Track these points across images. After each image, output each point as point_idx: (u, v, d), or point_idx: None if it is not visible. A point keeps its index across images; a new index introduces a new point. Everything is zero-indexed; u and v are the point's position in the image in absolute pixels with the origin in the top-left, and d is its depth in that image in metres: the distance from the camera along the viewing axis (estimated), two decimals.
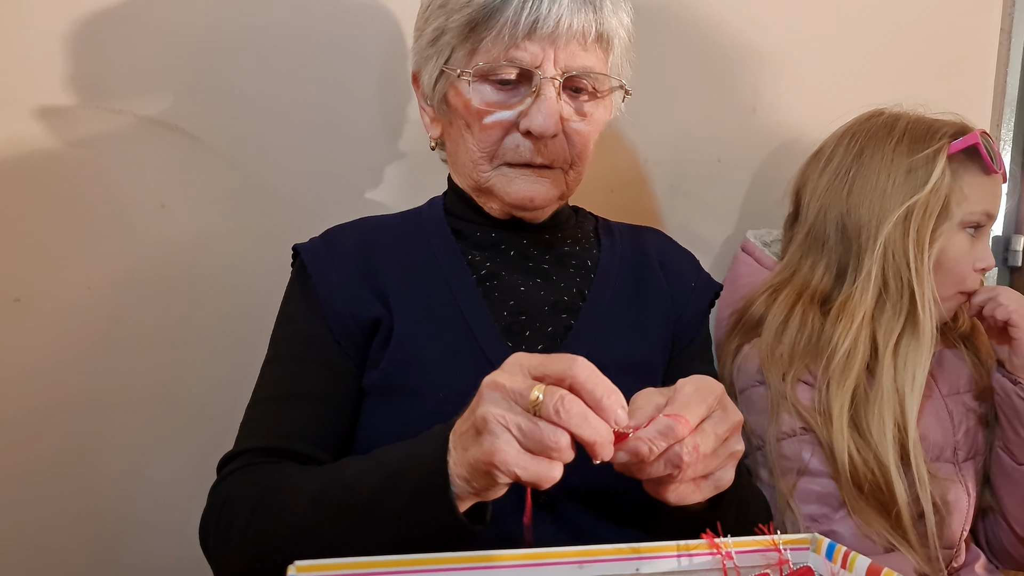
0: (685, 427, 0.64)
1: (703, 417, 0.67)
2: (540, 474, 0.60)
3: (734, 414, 0.70)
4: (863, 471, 1.02)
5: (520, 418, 0.61)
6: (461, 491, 0.65)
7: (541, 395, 0.60)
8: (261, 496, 0.78)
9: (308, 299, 0.92)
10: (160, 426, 1.14)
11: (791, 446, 1.06)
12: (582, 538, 0.83)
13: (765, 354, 1.09)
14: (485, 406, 0.62)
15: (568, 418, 0.60)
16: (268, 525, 0.76)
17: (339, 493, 0.74)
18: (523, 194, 0.91)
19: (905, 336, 1.05)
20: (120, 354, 1.12)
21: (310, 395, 0.88)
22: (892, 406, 1.03)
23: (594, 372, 0.62)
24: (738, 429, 0.70)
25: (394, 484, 0.70)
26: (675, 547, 0.64)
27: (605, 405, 0.61)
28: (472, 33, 0.88)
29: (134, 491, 1.13)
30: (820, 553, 0.66)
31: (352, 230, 0.97)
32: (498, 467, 0.60)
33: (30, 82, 1.05)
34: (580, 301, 0.94)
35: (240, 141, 1.14)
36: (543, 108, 0.87)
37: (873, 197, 1.08)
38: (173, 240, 1.12)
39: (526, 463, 0.60)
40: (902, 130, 1.10)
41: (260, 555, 0.76)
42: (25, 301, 1.07)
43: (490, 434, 0.61)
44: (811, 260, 1.13)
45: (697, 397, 0.68)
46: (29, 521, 1.10)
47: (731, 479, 0.71)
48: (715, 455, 0.68)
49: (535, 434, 0.60)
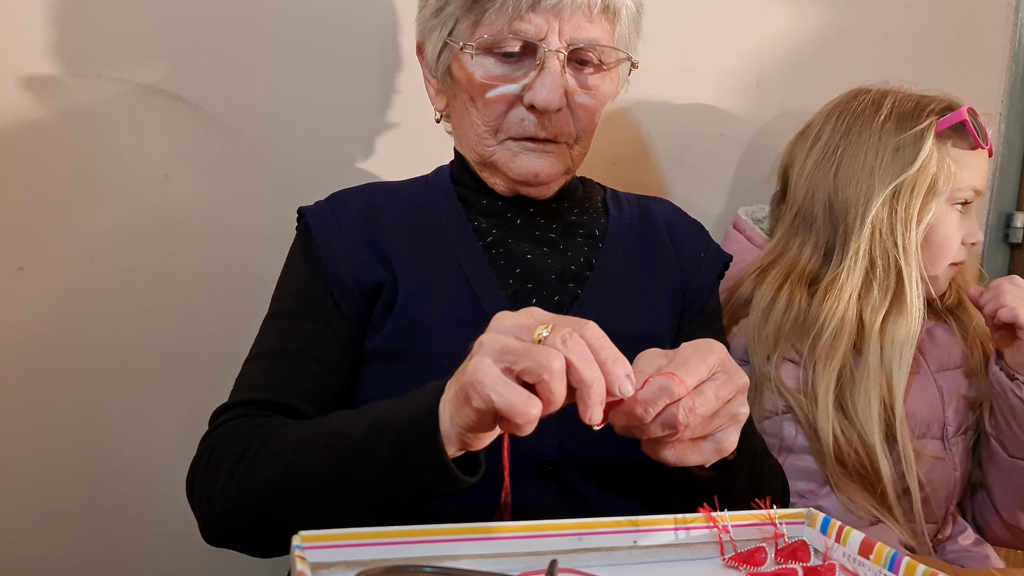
0: (681, 386, 0.63)
1: (703, 378, 0.66)
2: (515, 403, 0.56)
3: (738, 376, 0.68)
4: (847, 450, 1.02)
5: (514, 343, 0.59)
6: (448, 433, 0.63)
7: (547, 332, 0.59)
8: (250, 443, 0.77)
9: (311, 260, 0.92)
10: (163, 392, 1.15)
11: (773, 424, 1.07)
12: (586, 509, 0.83)
13: (751, 335, 1.09)
14: (484, 335, 0.61)
15: (573, 348, 0.58)
16: (254, 469, 0.75)
17: (327, 437, 0.73)
18: (527, 169, 0.91)
19: (892, 314, 1.06)
20: (123, 322, 1.12)
21: (306, 351, 0.87)
22: (879, 385, 1.04)
23: (603, 336, 0.61)
24: (743, 392, 0.69)
25: (383, 427, 0.68)
26: (672, 520, 0.65)
27: (609, 368, 0.59)
28: (476, 4, 0.86)
29: (137, 456, 1.15)
30: (815, 527, 0.67)
31: (358, 194, 0.97)
32: (475, 387, 0.58)
33: (32, 51, 1.05)
34: (587, 270, 0.94)
35: (242, 110, 1.13)
36: (547, 82, 0.86)
37: (861, 176, 1.07)
38: (175, 209, 1.13)
39: (503, 388, 0.57)
40: (889, 108, 1.09)
41: (243, 499, 0.75)
42: (29, 270, 1.08)
43: (478, 355, 0.60)
44: (799, 240, 1.13)
45: (696, 358, 0.66)
46: (34, 486, 1.11)
47: (733, 443, 0.69)
48: (716, 416, 0.67)
49: (527, 352, 0.58)
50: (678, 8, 1.30)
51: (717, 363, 0.67)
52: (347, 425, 0.72)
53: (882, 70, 1.39)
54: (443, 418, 0.63)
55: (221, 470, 0.78)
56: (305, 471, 0.72)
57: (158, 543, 1.16)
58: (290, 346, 0.88)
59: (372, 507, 0.69)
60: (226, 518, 0.78)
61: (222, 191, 1.14)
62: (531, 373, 0.57)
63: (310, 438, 0.74)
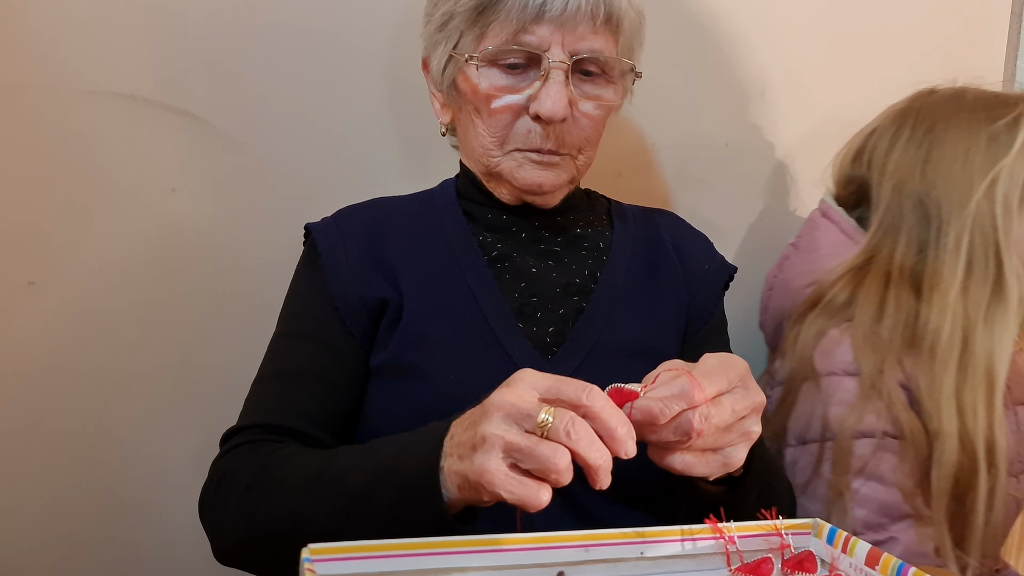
0: (700, 393, 0.64)
1: (723, 390, 0.67)
2: (527, 497, 0.59)
3: (756, 394, 0.69)
4: (964, 464, 0.98)
5: (519, 439, 0.60)
6: (451, 494, 0.65)
7: (550, 418, 0.60)
8: (258, 475, 0.79)
9: (316, 278, 0.92)
10: (171, 406, 1.15)
11: (866, 446, 1.01)
12: (592, 522, 0.84)
13: (860, 342, 1.04)
14: (487, 425, 0.61)
15: (578, 439, 0.59)
16: (262, 506, 0.77)
17: (332, 481, 0.74)
18: (532, 180, 0.92)
19: (992, 304, 1.03)
20: (132, 335, 1.13)
21: (313, 374, 0.88)
22: (985, 383, 1.01)
23: (609, 403, 0.62)
24: (758, 410, 0.70)
25: (386, 478, 0.70)
26: (679, 531, 0.65)
27: (618, 436, 0.60)
28: (480, 17, 0.87)
29: (146, 470, 1.15)
30: (821, 538, 0.67)
31: (364, 210, 0.98)
32: (484, 487, 0.60)
33: (41, 66, 1.06)
34: (592, 283, 0.95)
35: (249, 125, 1.14)
36: (551, 92, 0.87)
37: (953, 169, 1.05)
38: (183, 223, 1.13)
39: (513, 487, 0.60)
40: (972, 101, 1.08)
41: (253, 534, 0.77)
42: (39, 284, 1.09)
43: (484, 452, 0.61)
44: (891, 239, 1.09)
45: (719, 369, 0.68)
46: (44, 500, 1.12)
47: (741, 459, 0.70)
48: (728, 430, 0.68)
49: (533, 454, 0.59)
50: (682, 18, 1.31)
51: (738, 377, 0.68)
52: (351, 470, 0.74)
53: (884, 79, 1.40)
54: (448, 485, 0.65)
55: (231, 500, 0.80)
56: (310, 514, 0.74)
57: (168, 557, 1.16)
58: (296, 368, 0.89)
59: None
60: (237, 545, 0.80)
61: (229, 205, 1.15)
62: (540, 472, 0.59)
63: (316, 479, 0.75)
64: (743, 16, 1.34)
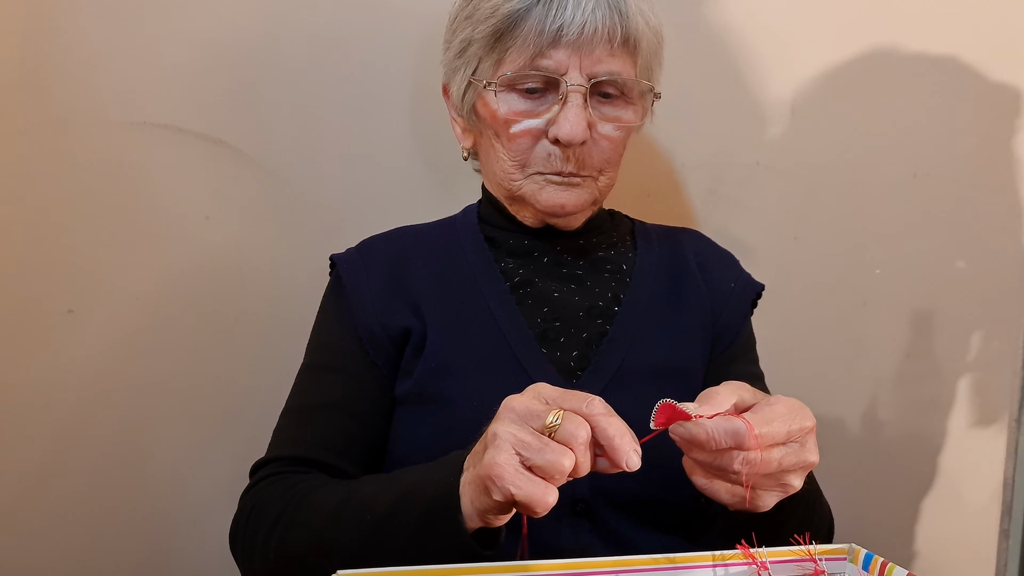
0: (753, 442, 0.64)
1: (778, 442, 0.66)
2: (534, 495, 0.60)
3: (810, 454, 0.68)
4: None
5: (529, 437, 0.61)
6: (468, 513, 0.66)
7: (559, 420, 0.61)
8: (285, 506, 0.80)
9: (341, 309, 0.94)
10: (207, 431, 1.17)
11: None
12: (622, 546, 0.83)
13: None
14: (497, 425, 0.63)
15: (580, 443, 0.60)
16: (289, 535, 0.78)
17: (355, 509, 0.75)
18: (554, 202, 0.91)
19: None
20: (167, 361, 1.15)
21: (338, 406, 0.89)
22: None
23: (610, 412, 0.62)
24: (806, 469, 0.69)
25: (407, 503, 0.71)
26: (710, 557, 0.65)
27: (617, 445, 0.61)
28: (498, 43, 0.88)
29: (183, 496, 1.17)
30: (857, 564, 0.66)
31: (387, 240, 0.99)
32: (494, 481, 0.61)
33: (77, 99, 1.09)
34: (615, 306, 0.94)
35: (280, 153, 1.16)
36: (570, 116, 0.87)
37: None
38: (217, 250, 1.15)
39: (521, 482, 0.60)
40: None
41: (281, 564, 0.78)
42: (78, 312, 1.11)
43: (494, 448, 0.62)
44: None
45: (784, 420, 0.66)
46: (81, 526, 1.13)
47: (768, 505, 0.70)
48: (767, 477, 0.68)
49: (542, 452, 0.60)
50: (710, 37, 1.31)
51: (800, 432, 0.67)
52: (374, 497, 0.75)
53: (915, 97, 1.39)
54: (464, 500, 0.66)
55: (260, 531, 0.81)
56: (335, 542, 0.75)
57: None
58: (322, 400, 0.90)
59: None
60: (266, 574, 0.80)
61: (261, 231, 1.17)
62: (545, 472, 0.60)
63: (340, 507, 0.76)
64: (772, 35, 1.33)
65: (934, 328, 1.43)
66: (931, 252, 1.42)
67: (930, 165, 1.41)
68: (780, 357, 1.21)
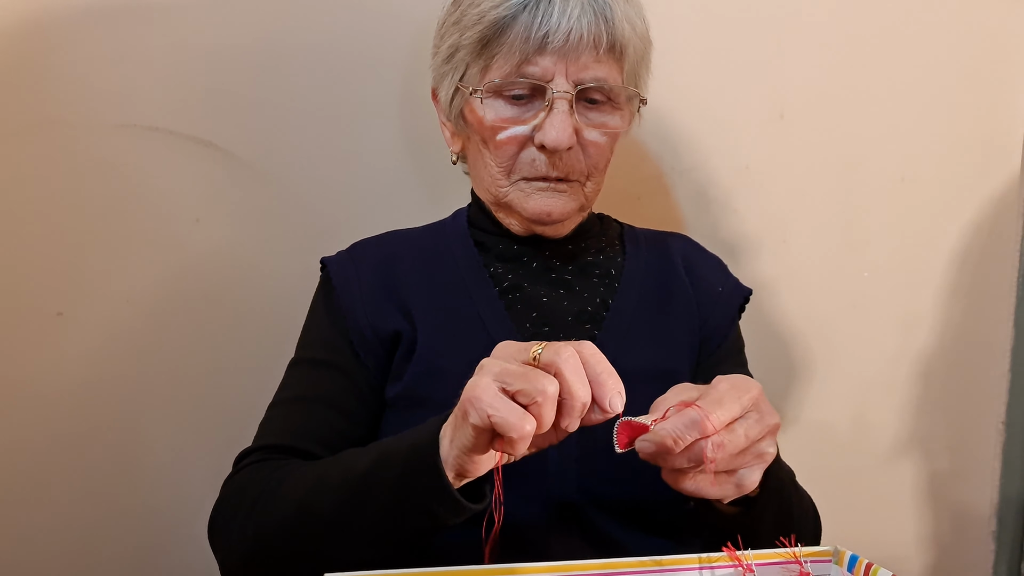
0: (710, 424, 0.65)
1: (736, 416, 0.67)
2: (510, 418, 0.60)
3: (770, 417, 0.69)
4: None
5: (513, 365, 0.62)
6: (447, 456, 0.66)
7: (542, 349, 0.62)
8: (266, 485, 0.80)
9: (331, 310, 0.94)
10: (197, 432, 1.17)
11: None
12: (612, 549, 0.83)
13: None
14: (486, 359, 0.65)
15: (563, 364, 0.61)
16: (269, 509, 0.78)
17: (337, 473, 0.75)
18: (540, 208, 0.92)
19: None
20: (157, 363, 1.15)
21: (326, 399, 0.90)
22: None
23: (598, 354, 0.63)
24: (773, 433, 0.70)
25: (388, 458, 0.71)
26: (697, 560, 0.65)
27: (603, 381, 0.62)
28: (484, 50, 0.88)
29: (174, 496, 1.17)
30: (842, 565, 0.67)
31: (378, 244, 0.99)
32: (472, 403, 0.61)
33: (68, 102, 1.09)
34: (604, 311, 0.95)
35: (271, 156, 1.16)
36: (556, 122, 0.87)
37: None
38: (207, 252, 1.15)
39: (499, 404, 0.60)
40: None
41: (260, 539, 0.78)
42: (68, 314, 1.11)
43: (477, 375, 0.63)
44: None
45: (731, 395, 0.68)
46: (72, 526, 1.13)
47: (755, 481, 0.70)
48: (743, 454, 0.68)
49: (525, 375, 0.61)
50: (699, 40, 1.31)
51: (751, 402, 0.68)
52: (356, 460, 0.75)
53: (904, 101, 1.40)
54: (443, 442, 0.66)
55: (239, 512, 0.80)
56: (317, 507, 0.74)
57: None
58: (311, 393, 0.91)
59: (384, 539, 0.71)
60: (245, 559, 0.80)
61: (252, 234, 1.17)
62: (526, 395, 0.60)
63: (322, 475, 0.77)
64: (761, 39, 1.34)
65: (922, 331, 1.44)
66: (919, 255, 1.43)
67: (917, 169, 1.42)
68: (769, 361, 1.22)
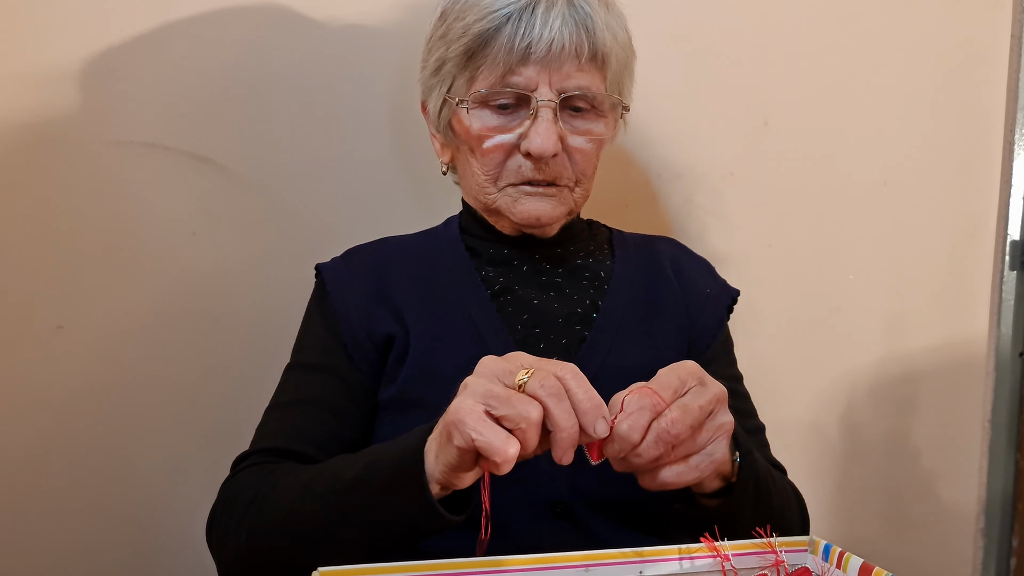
0: (656, 397, 0.68)
1: (678, 391, 0.70)
2: (494, 443, 0.61)
3: (714, 386, 0.72)
4: None
5: (498, 388, 0.64)
6: (432, 471, 0.68)
7: (527, 376, 0.64)
8: (259, 489, 0.82)
9: (326, 315, 0.96)
10: (193, 444, 1.18)
11: None
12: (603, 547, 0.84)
13: None
14: (469, 380, 0.66)
15: (548, 398, 0.62)
16: (262, 513, 0.80)
17: (326, 480, 0.77)
18: (529, 213, 0.94)
19: None
20: (156, 374, 1.16)
21: (321, 402, 0.92)
22: None
23: (581, 378, 0.65)
24: (723, 401, 0.72)
25: (373, 469, 0.73)
26: (676, 551, 0.67)
27: (586, 409, 0.64)
28: (470, 61, 0.91)
29: (173, 507, 1.18)
30: (817, 554, 0.69)
31: (371, 249, 1.02)
32: (456, 426, 0.63)
33: (64, 119, 1.11)
34: (593, 313, 0.96)
35: (265, 169, 1.18)
36: (540, 130, 0.89)
37: None
38: (204, 265, 1.17)
39: (483, 428, 0.62)
40: None
41: (253, 542, 0.80)
42: (67, 328, 1.13)
43: (461, 396, 0.65)
44: None
45: (668, 373, 0.71)
46: (73, 537, 1.15)
47: (724, 452, 0.73)
48: (702, 430, 0.71)
49: (510, 400, 0.62)
50: (685, 48, 1.34)
51: (690, 376, 0.71)
52: (345, 467, 0.77)
53: (886, 107, 1.42)
54: (428, 456, 0.68)
55: (234, 515, 0.83)
56: (306, 513, 0.76)
57: None
58: (306, 397, 0.93)
59: (370, 546, 0.72)
60: (240, 561, 0.82)
61: (248, 246, 1.19)
62: (510, 421, 0.62)
63: (311, 481, 0.79)
64: (746, 46, 1.36)
65: (907, 332, 1.46)
66: (902, 257, 1.46)
67: (900, 173, 1.44)
68: (756, 363, 1.24)
